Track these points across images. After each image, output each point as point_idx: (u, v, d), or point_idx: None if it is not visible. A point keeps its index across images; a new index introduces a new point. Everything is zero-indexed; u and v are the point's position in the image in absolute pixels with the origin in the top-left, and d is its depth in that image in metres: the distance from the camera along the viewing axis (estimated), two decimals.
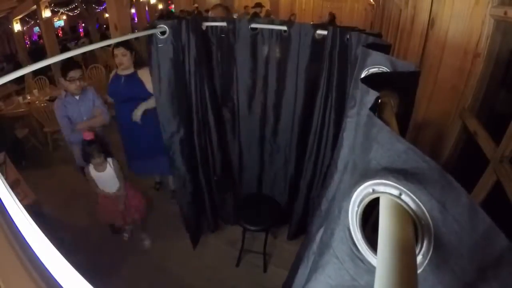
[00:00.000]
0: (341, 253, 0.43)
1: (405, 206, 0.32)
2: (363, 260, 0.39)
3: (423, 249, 0.32)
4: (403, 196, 0.32)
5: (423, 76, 1.75)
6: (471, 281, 0.29)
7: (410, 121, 0.80)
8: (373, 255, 0.38)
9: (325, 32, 1.39)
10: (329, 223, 0.54)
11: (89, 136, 1.86)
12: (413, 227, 0.31)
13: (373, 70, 0.76)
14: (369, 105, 0.46)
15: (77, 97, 2.09)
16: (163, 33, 1.49)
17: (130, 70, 2.12)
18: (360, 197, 0.37)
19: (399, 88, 0.64)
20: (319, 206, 1.11)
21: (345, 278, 0.43)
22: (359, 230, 0.39)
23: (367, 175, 0.37)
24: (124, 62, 2.06)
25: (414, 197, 0.31)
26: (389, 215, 0.31)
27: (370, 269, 0.39)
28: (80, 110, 2.12)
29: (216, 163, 2.04)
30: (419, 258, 0.32)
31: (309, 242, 0.94)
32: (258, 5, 6.37)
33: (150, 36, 1.50)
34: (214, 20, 1.68)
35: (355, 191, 0.38)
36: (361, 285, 0.40)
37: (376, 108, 0.47)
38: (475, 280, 0.29)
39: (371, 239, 0.38)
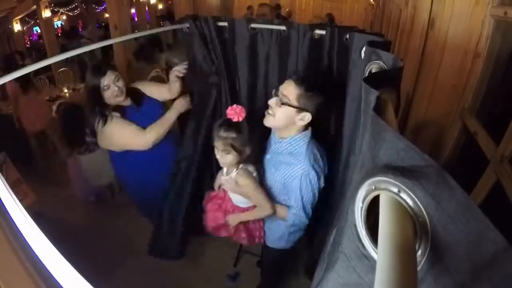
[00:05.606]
0: (349, 251, 0.43)
1: (403, 203, 0.32)
2: (368, 257, 0.39)
3: (422, 247, 0.32)
4: (402, 193, 0.32)
5: (423, 76, 1.75)
6: (465, 282, 0.29)
7: (398, 115, 0.81)
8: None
9: (323, 32, 1.39)
10: (340, 222, 0.55)
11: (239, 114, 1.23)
12: (412, 224, 0.31)
13: (375, 66, 0.77)
14: (372, 105, 0.46)
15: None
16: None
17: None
18: (364, 194, 0.38)
19: (393, 84, 0.65)
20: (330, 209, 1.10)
21: (352, 276, 0.43)
22: (363, 227, 0.39)
23: (371, 173, 0.37)
24: (120, 86, 1.54)
25: (411, 194, 0.31)
26: (389, 212, 0.31)
27: (375, 267, 0.39)
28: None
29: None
30: (418, 256, 0.32)
31: (324, 245, 0.94)
32: (278, 6, 6.32)
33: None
34: (218, 19, 1.68)
35: (360, 188, 0.38)
36: (366, 283, 0.40)
37: (379, 107, 0.48)
38: (469, 282, 0.28)
39: (377, 237, 0.38)
